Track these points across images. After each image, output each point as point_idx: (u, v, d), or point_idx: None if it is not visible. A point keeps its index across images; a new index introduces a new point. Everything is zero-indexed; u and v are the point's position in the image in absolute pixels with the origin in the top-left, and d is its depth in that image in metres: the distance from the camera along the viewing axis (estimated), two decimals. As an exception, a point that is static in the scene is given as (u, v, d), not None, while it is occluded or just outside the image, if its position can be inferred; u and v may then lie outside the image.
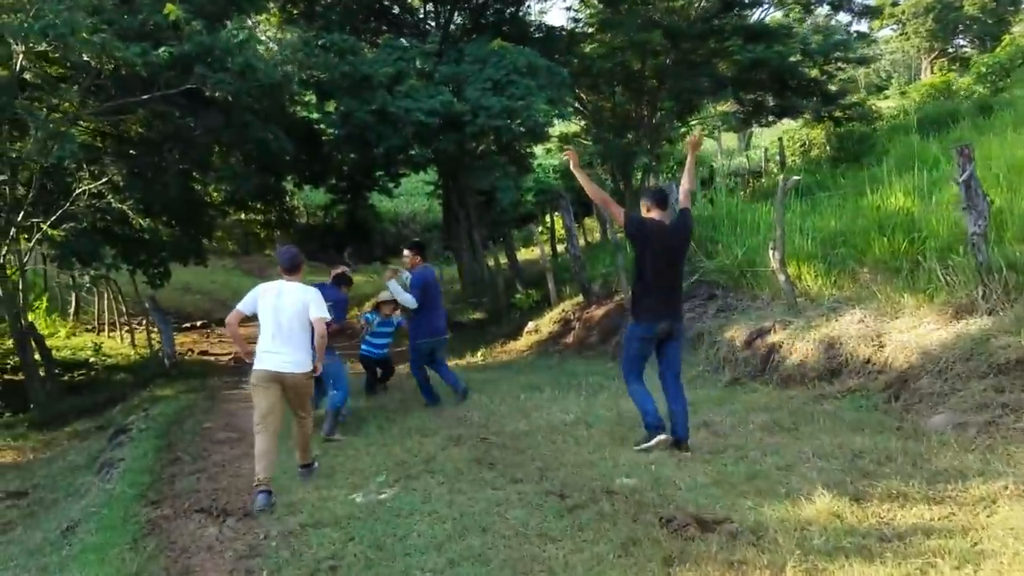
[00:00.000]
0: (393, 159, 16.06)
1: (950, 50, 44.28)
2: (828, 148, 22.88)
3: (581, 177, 6.02)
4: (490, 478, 5.56)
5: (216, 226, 19.62)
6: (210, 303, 26.29)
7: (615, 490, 4.91)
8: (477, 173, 15.28)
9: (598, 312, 12.45)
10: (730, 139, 42.18)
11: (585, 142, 22.42)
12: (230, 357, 17.17)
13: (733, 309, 9.74)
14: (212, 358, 17.41)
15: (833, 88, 20.42)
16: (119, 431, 9.54)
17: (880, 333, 7.08)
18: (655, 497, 4.73)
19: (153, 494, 6.48)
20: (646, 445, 5.73)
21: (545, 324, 14.05)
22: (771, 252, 8.66)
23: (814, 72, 19.58)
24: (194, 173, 13.43)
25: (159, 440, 8.54)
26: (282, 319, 5.70)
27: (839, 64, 20.43)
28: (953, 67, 35.84)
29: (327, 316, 5.91)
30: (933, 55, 44.30)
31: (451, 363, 10.89)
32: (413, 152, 16.06)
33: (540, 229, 23.88)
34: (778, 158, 23.10)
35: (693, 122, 23.38)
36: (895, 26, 44.91)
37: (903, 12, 42.91)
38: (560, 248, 19.17)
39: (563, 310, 13.70)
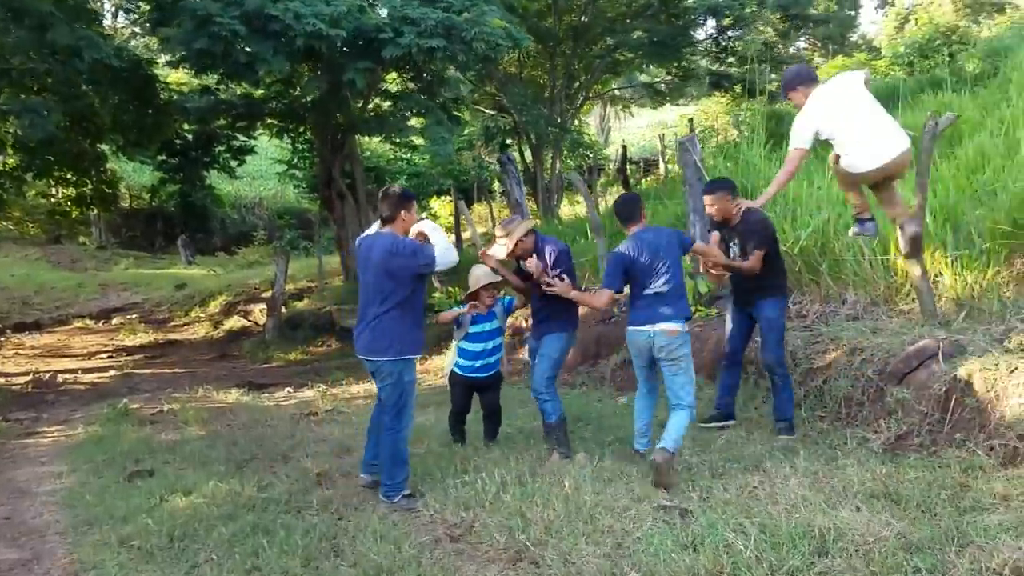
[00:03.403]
0: (257, 112, 12.03)
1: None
2: (740, 130, 20.77)
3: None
4: None
5: (9, 203, 14.73)
6: (8, 303, 20.82)
7: None
8: (391, 124, 11.44)
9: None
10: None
11: (488, 111, 18.99)
12: (27, 380, 12.57)
13: (801, 317, 6.77)
14: (1, 380, 12.70)
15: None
16: None
17: None
18: None
19: None
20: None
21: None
22: (900, 230, 5.55)
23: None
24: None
25: None
26: None
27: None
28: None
29: None
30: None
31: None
32: (285, 100, 12.10)
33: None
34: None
35: (608, 89, 20.49)
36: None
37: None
38: (465, 235, 15.63)
39: (515, 316, 10.32)
